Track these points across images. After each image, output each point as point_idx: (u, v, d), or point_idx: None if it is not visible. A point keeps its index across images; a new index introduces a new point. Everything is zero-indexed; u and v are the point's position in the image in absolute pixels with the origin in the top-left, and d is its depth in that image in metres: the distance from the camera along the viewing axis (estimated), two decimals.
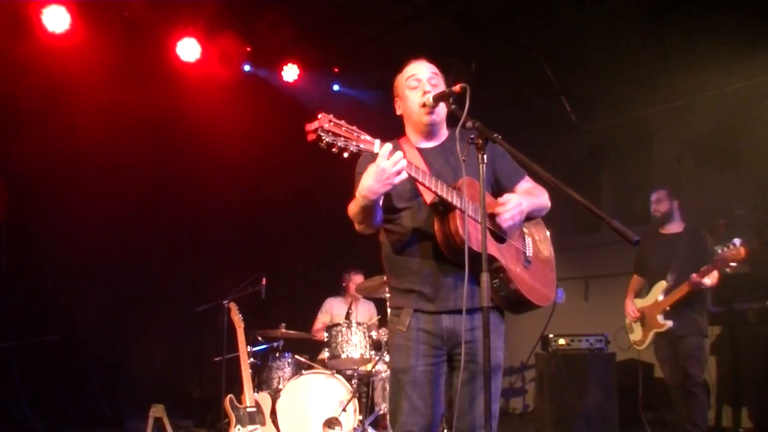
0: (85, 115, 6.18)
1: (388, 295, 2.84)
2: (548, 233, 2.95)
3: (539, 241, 2.88)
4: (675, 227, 5.28)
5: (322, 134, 2.23)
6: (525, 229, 2.81)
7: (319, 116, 2.24)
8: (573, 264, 7.74)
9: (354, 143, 2.29)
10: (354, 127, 2.32)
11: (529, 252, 2.78)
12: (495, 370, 2.60)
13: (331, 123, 2.25)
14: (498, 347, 2.64)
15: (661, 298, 5.10)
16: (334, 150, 2.27)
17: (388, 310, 2.84)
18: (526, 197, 2.70)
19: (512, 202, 2.58)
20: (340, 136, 2.26)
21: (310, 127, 2.24)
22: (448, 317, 2.62)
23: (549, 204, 2.84)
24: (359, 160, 2.72)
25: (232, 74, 6.88)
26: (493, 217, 2.59)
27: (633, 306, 5.32)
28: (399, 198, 2.62)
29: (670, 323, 5.02)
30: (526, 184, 2.86)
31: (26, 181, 6.19)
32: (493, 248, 2.53)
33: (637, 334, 5.31)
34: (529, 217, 2.78)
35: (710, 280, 4.85)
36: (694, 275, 4.87)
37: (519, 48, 6.85)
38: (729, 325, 6.26)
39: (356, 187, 2.66)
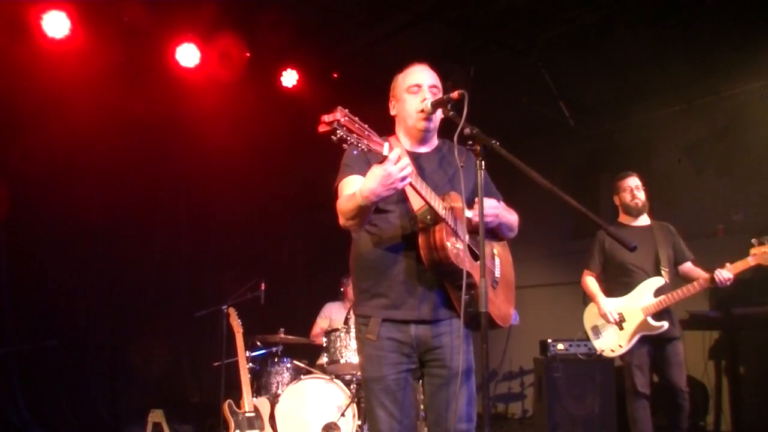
0: (85, 119, 6.19)
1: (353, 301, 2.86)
2: (511, 258, 3.00)
3: (506, 264, 2.92)
4: (645, 219, 4.86)
5: (336, 128, 2.23)
6: (495, 251, 2.85)
7: (337, 109, 2.25)
8: (572, 269, 7.65)
9: (365, 142, 2.30)
10: (366, 126, 2.33)
11: (498, 273, 2.82)
12: (468, 373, 2.66)
13: (347, 118, 2.26)
14: (467, 350, 2.68)
15: (652, 297, 4.62)
16: (344, 145, 2.28)
17: (352, 316, 2.87)
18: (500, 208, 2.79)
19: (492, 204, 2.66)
20: (352, 132, 2.27)
21: (327, 118, 2.24)
22: (416, 326, 2.65)
23: (517, 223, 2.91)
24: (346, 152, 2.73)
25: (231, 79, 6.90)
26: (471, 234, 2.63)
27: (611, 307, 4.74)
28: (384, 200, 2.59)
29: (665, 325, 4.56)
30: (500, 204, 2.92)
31: (26, 186, 6.19)
32: (470, 266, 2.56)
33: (609, 339, 4.78)
34: (499, 238, 2.86)
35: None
36: (723, 271, 4.43)
37: (517, 53, 6.86)
38: (727, 330, 6.27)
39: (340, 178, 2.72)
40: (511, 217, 2.86)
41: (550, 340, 6.14)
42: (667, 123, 7.22)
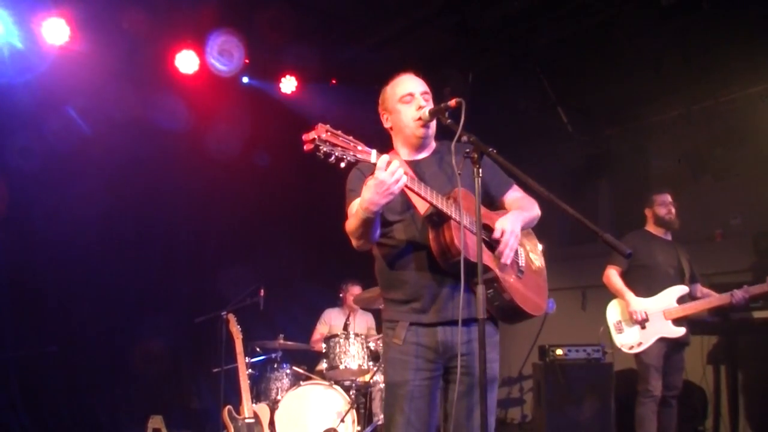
0: (85, 125, 6.21)
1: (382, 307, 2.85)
2: (539, 244, 2.97)
3: (531, 251, 2.90)
4: (669, 235, 5.25)
5: (319, 144, 2.22)
6: None
7: (317, 126, 2.23)
8: (570, 274, 7.74)
9: (351, 153, 2.29)
10: (351, 137, 2.31)
11: (522, 262, 2.79)
12: (491, 382, 2.61)
13: (329, 133, 2.24)
14: (493, 359, 2.65)
15: (675, 303, 4.95)
16: (331, 160, 2.26)
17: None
18: (517, 215, 2.70)
19: (506, 234, 2.57)
20: (337, 146, 2.25)
21: (308, 137, 2.23)
22: (443, 330, 2.62)
23: (539, 213, 2.86)
24: (350, 176, 2.74)
25: (230, 86, 6.92)
26: (487, 227, 2.61)
27: (641, 306, 4.98)
28: (391, 211, 2.61)
29: (683, 330, 4.90)
30: (515, 193, 2.89)
31: (25, 191, 6.20)
32: (487, 258, 2.55)
33: (631, 336, 5.02)
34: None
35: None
36: (740, 292, 4.82)
37: (516, 59, 6.88)
38: (726, 335, 6.26)
39: (348, 204, 2.70)
40: (529, 215, 2.79)
41: (548, 345, 6.14)
42: (665, 128, 7.23)
